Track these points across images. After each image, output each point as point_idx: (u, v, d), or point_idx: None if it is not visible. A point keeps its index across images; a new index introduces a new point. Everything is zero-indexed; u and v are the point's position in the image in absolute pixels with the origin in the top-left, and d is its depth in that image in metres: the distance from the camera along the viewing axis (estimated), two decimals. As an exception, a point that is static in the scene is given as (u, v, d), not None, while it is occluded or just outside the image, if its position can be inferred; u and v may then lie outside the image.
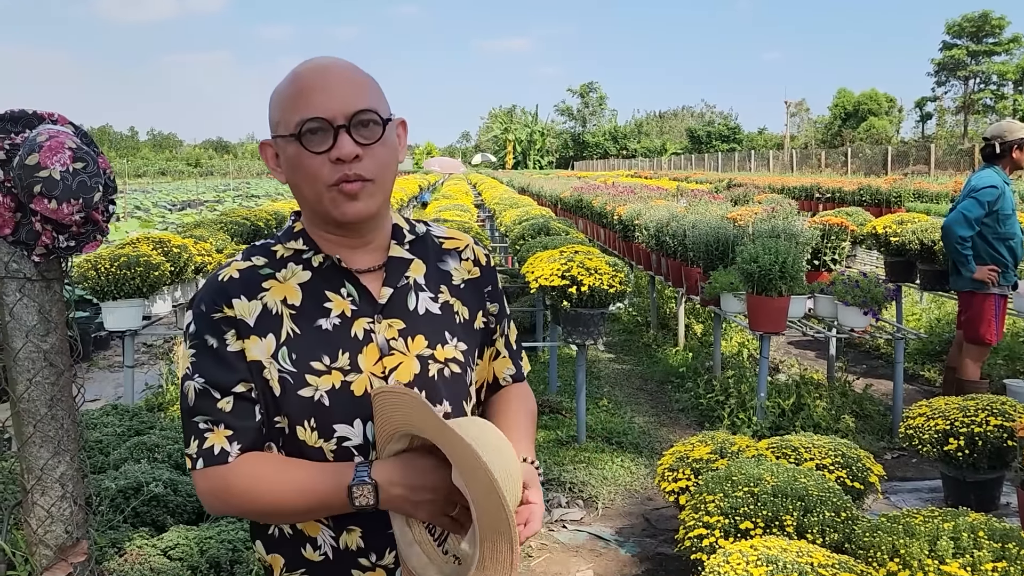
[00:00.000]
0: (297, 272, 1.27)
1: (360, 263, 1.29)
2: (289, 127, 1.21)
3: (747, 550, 2.39)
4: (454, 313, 1.35)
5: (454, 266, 1.39)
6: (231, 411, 1.22)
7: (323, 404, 1.22)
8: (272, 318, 1.24)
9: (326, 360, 1.23)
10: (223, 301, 1.23)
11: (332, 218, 1.24)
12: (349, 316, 1.26)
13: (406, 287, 1.31)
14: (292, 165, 1.23)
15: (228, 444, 1.21)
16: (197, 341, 1.23)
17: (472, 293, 1.39)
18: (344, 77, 1.22)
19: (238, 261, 1.29)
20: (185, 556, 2.68)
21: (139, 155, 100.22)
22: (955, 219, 4.88)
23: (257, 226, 8.13)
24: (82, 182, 2.01)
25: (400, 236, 1.35)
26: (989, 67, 51.24)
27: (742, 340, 7.29)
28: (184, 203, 30.37)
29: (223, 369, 1.22)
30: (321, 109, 1.19)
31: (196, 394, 1.22)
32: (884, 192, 13.67)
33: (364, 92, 1.23)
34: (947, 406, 3.99)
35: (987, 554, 2.28)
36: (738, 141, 65.19)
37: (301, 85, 1.21)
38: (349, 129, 1.20)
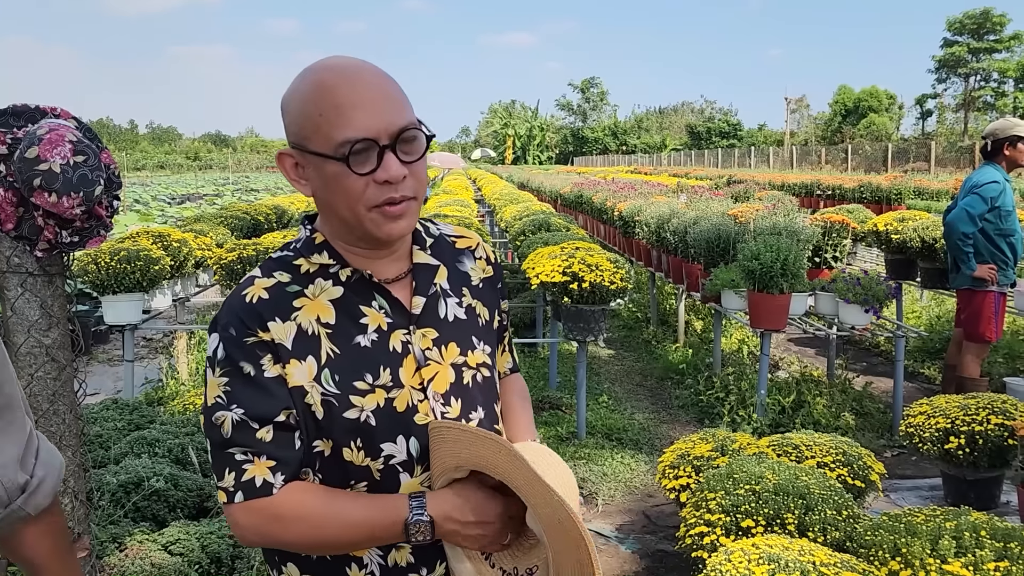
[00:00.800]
0: (327, 288, 1.21)
1: (387, 273, 1.25)
2: (327, 145, 1.12)
3: (749, 548, 2.38)
4: (477, 316, 1.32)
5: (471, 266, 1.36)
6: (272, 440, 1.15)
7: (369, 424, 1.17)
8: (309, 339, 1.17)
9: (369, 378, 1.18)
10: (256, 324, 1.15)
11: (372, 237, 1.18)
12: (385, 330, 1.22)
13: (436, 295, 1.28)
14: (329, 184, 1.15)
15: (271, 475, 1.15)
16: (229, 368, 1.15)
17: (489, 292, 1.37)
18: (380, 89, 1.15)
19: (260, 278, 1.21)
20: (186, 551, 2.68)
21: (138, 148, 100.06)
22: (958, 215, 4.88)
23: (257, 220, 8.12)
24: (83, 175, 2.00)
25: (421, 240, 1.30)
26: (990, 64, 51.18)
27: (742, 337, 7.29)
28: (183, 197, 30.35)
29: (262, 398, 1.14)
30: (364, 129, 1.11)
31: (233, 426, 1.14)
32: (884, 189, 13.65)
33: (403, 105, 1.17)
34: (947, 404, 3.99)
35: (989, 553, 2.28)
36: (738, 137, 65.14)
37: (335, 100, 1.12)
38: (395, 148, 1.13)
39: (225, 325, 1.17)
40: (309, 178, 1.19)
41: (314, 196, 1.20)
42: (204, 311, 8.63)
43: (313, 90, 1.14)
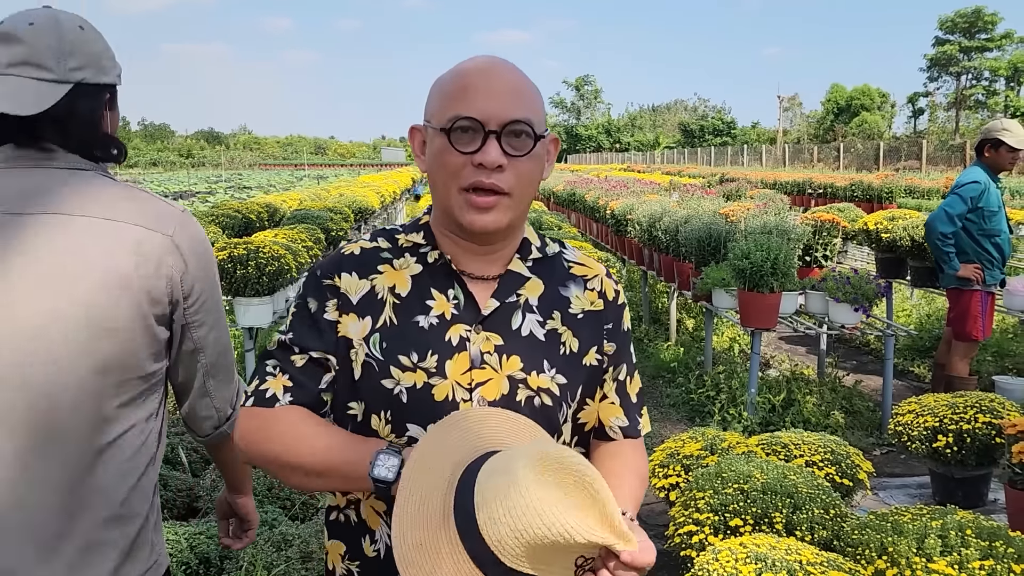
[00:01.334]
0: (411, 264, 1.26)
1: (475, 269, 1.25)
2: (443, 119, 1.18)
3: (736, 548, 2.40)
4: (560, 343, 1.27)
5: (576, 293, 1.31)
6: (300, 367, 1.22)
7: (400, 400, 1.19)
8: (375, 302, 1.23)
9: (414, 356, 1.20)
10: (334, 271, 1.25)
11: (458, 223, 1.21)
12: (448, 319, 1.22)
13: (514, 304, 1.25)
14: (436, 158, 1.20)
15: (282, 392, 1.21)
16: (300, 302, 1.26)
17: (589, 326, 1.30)
18: (507, 82, 1.19)
19: (365, 240, 1.30)
20: (174, 552, 2.67)
21: (131, 145, 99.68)
22: (937, 216, 4.92)
23: (249, 219, 8.10)
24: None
25: (526, 252, 1.30)
26: (981, 63, 51.45)
27: (733, 335, 7.31)
28: (176, 194, 30.25)
29: (312, 333, 1.23)
30: (476, 110, 1.15)
31: (278, 344, 1.25)
32: (876, 188, 13.71)
33: (523, 101, 1.19)
34: (936, 403, 4.02)
35: (974, 552, 2.30)
36: (732, 135, 65.29)
37: (464, 82, 1.18)
38: (500, 136, 1.16)
39: (316, 267, 1.29)
40: (426, 154, 1.24)
41: (427, 173, 1.25)
42: (195, 309, 8.62)
43: (452, 72, 1.22)
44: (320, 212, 8.11)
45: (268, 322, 4.94)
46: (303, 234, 6.44)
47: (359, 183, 16.48)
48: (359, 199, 10.88)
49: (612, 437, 1.34)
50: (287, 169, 75.46)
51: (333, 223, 7.96)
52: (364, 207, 10.88)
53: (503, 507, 0.97)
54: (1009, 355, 6.40)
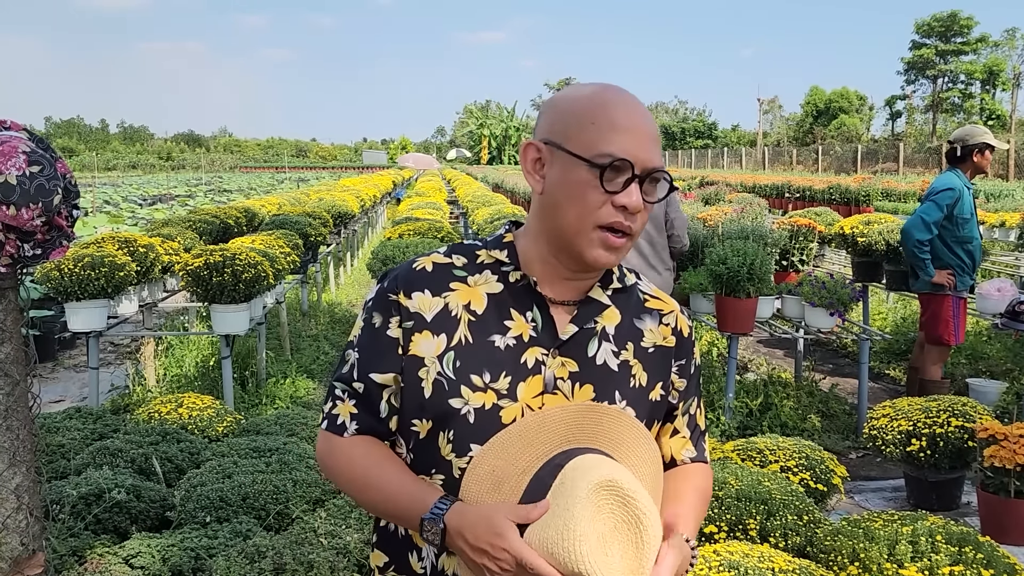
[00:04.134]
0: (491, 281, 1.24)
1: (556, 293, 1.24)
2: (589, 151, 1.15)
3: (710, 555, 2.41)
4: (631, 375, 1.26)
5: (650, 327, 1.31)
6: (362, 393, 1.24)
7: (467, 420, 1.17)
8: (450, 319, 1.21)
9: (487, 377, 1.18)
10: (403, 287, 1.23)
11: (580, 256, 1.18)
12: (526, 341, 1.21)
13: (591, 332, 1.25)
14: (571, 188, 1.16)
15: (349, 420, 1.24)
16: (367, 316, 1.26)
17: (659, 361, 1.30)
18: (650, 127, 1.19)
19: (439, 254, 1.28)
20: (147, 564, 2.64)
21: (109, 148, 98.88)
22: (913, 223, 4.96)
23: (227, 224, 8.05)
24: (40, 185, 1.97)
25: (607, 281, 1.28)
26: (957, 66, 52.08)
27: (712, 339, 7.34)
28: (155, 197, 29.98)
29: (374, 351, 1.23)
30: (629, 152, 1.15)
31: (348, 364, 1.26)
32: (853, 191, 13.85)
33: (659, 148, 1.21)
34: (910, 407, 4.05)
35: (944, 558, 2.32)
36: (713, 138, 65.65)
37: (615, 117, 1.16)
38: (642, 182, 1.17)
39: (385, 279, 1.27)
40: (547, 175, 1.20)
41: (543, 195, 1.21)
42: (172, 316, 8.54)
43: (592, 99, 1.18)
44: (299, 217, 8.07)
45: (244, 329, 4.91)
46: (281, 240, 6.41)
47: (339, 187, 16.41)
48: (338, 204, 10.84)
49: (681, 463, 1.37)
50: (268, 172, 75.04)
51: (312, 228, 7.93)
52: (344, 212, 10.83)
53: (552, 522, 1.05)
54: (983, 358, 6.48)
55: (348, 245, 12.41)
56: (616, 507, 1.07)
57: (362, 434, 1.24)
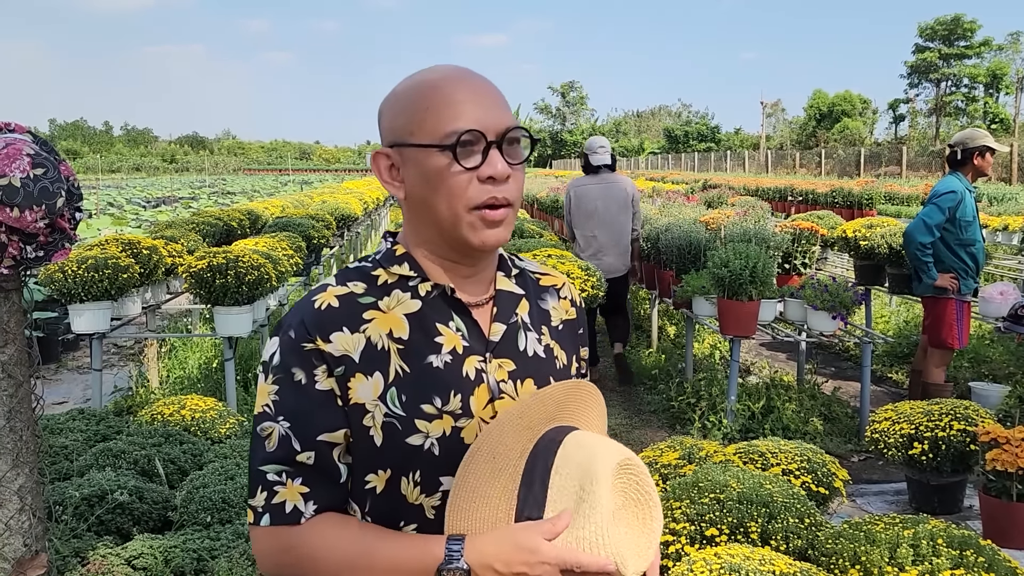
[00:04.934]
0: (405, 301, 1.14)
1: (470, 295, 1.17)
2: (433, 136, 1.08)
3: (711, 558, 2.41)
4: (555, 357, 1.24)
5: (553, 305, 1.28)
6: (313, 464, 1.08)
7: (432, 453, 1.09)
8: (378, 354, 1.09)
9: (438, 402, 1.10)
10: (318, 332, 1.08)
11: (466, 243, 1.11)
12: (460, 353, 1.13)
13: (516, 325, 1.20)
14: (431, 179, 1.09)
15: (303, 502, 1.08)
16: (282, 375, 1.09)
17: (569, 336, 1.28)
18: (488, 89, 1.12)
19: (333, 286, 1.14)
20: (149, 565, 2.65)
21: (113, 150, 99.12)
22: (916, 226, 4.96)
23: (230, 226, 8.06)
24: (43, 188, 1.99)
25: (506, 268, 1.23)
26: (960, 70, 52.00)
27: (714, 342, 7.34)
28: (158, 200, 30.06)
29: (311, 410, 1.08)
30: (474, 121, 1.07)
31: (277, 439, 1.08)
32: (856, 194, 13.83)
33: (508, 108, 1.13)
34: (912, 410, 4.05)
35: (945, 561, 2.32)
36: (716, 141, 65.65)
37: (444, 94, 1.09)
38: (500, 146, 1.09)
39: (287, 328, 1.11)
40: (405, 178, 1.13)
41: (407, 199, 1.14)
42: (176, 318, 8.55)
43: (419, 88, 1.12)
44: (302, 220, 8.09)
45: (247, 331, 4.92)
46: (284, 242, 6.42)
47: (343, 189, 16.44)
48: (342, 206, 10.86)
49: None
50: (271, 174, 75.20)
51: (315, 231, 7.94)
52: (347, 214, 10.85)
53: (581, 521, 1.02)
54: (985, 361, 6.47)
55: (351, 248, 12.42)
56: (630, 487, 1.07)
57: (322, 512, 1.09)
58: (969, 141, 4.97)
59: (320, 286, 1.15)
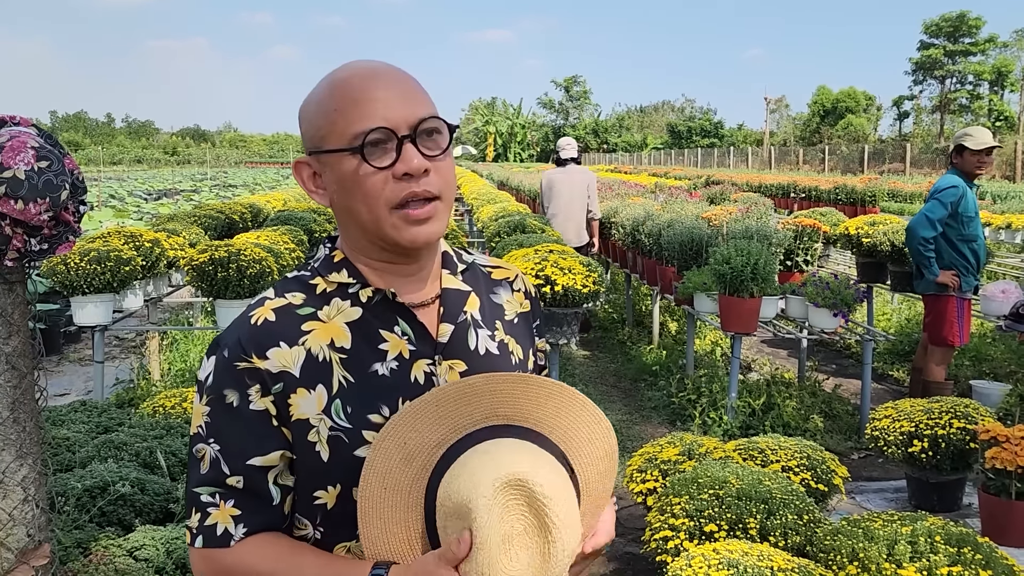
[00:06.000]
0: (345, 309, 1.10)
1: (413, 296, 1.14)
2: (343, 139, 1.05)
3: (709, 554, 2.42)
4: (510, 352, 1.20)
5: (506, 298, 1.25)
6: (243, 488, 1.06)
7: None
8: (320, 366, 1.06)
9: (386, 411, 1.07)
10: (253, 350, 1.05)
11: (395, 244, 1.08)
12: (407, 358, 1.10)
13: (465, 324, 1.16)
14: (346, 184, 1.06)
15: (232, 525, 1.06)
16: (213, 396, 1.06)
17: (523, 329, 1.25)
18: (397, 82, 1.07)
19: (271, 299, 1.11)
20: (151, 557, 2.67)
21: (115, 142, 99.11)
22: (918, 220, 4.97)
23: (232, 219, 8.08)
24: (48, 181, 1.99)
25: (452, 265, 1.20)
26: (965, 67, 51.88)
27: (715, 339, 7.35)
28: (160, 192, 30.07)
29: (242, 433, 1.05)
30: (381, 118, 1.03)
31: (207, 462, 1.06)
32: (859, 191, 13.82)
33: (422, 97, 1.08)
34: (912, 408, 4.06)
35: (943, 558, 2.33)
36: (719, 137, 65.55)
37: (351, 94, 1.05)
38: (414, 139, 1.05)
39: (222, 348, 1.07)
40: (327, 185, 1.10)
41: (332, 206, 1.12)
42: (177, 311, 8.57)
43: (329, 89, 1.08)
44: (304, 213, 8.10)
45: (250, 324, 4.93)
46: (286, 236, 6.43)
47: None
48: (344, 200, 10.86)
49: None
50: (273, 167, 75.18)
51: (316, 224, 7.95)
52: (349, 208, 10.85)
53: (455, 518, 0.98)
54: (986, 360, 6.47)
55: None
56: (520, 507, 0.98)
57: (252, 534, 1.06)
58: (953, 140, 5.02)
59: (259, 299, 1.12)
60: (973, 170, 4.93)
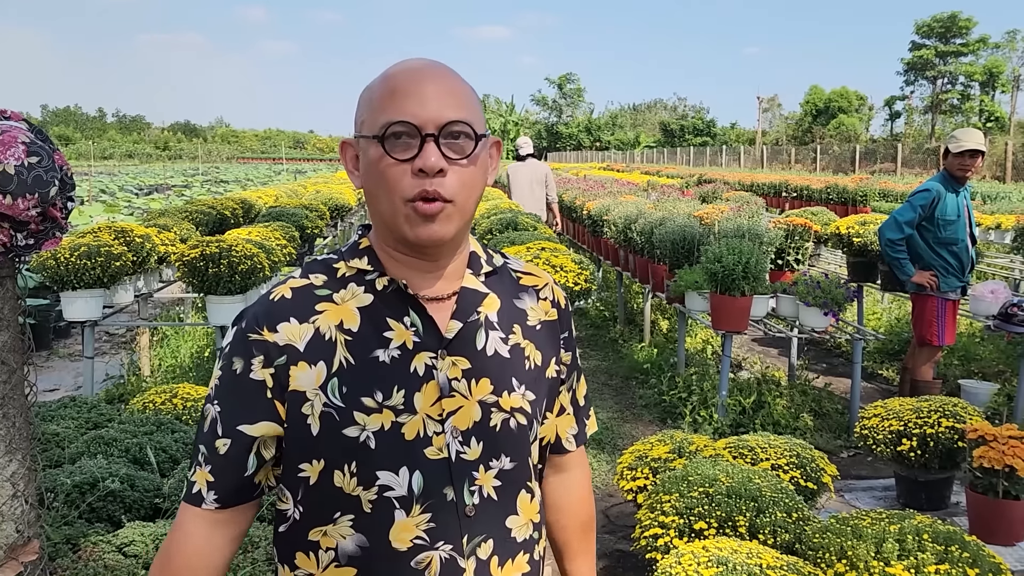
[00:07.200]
0: (358, 294, 1.14)
1: (429, 290, 1.16)
2: (375, 127, 1.09)
3: (699, 551, 2.43)
4: (525, 357, 1.21)
5: (531, 305, 1.25)
6: (224, 454, 1.11)
7: (368, 446, 1.09)
8: (324, 344, 1.11)
9: (379, 396, 1.10)
10: (265, 322, 1.11)
11: (404, 237, 1.11)
12: (410, 349, 1.12)
13: (476, 323, 1.17)
14: (371, 170, 1.11)
15: (206, 489, 1.11)
16: (225, 363, 1.13)
17: (547, 337, 1.26)
18: (441, 83, 1.10)
19: (295, 278, 1.17)
20: (140, 553, 2.66)
21: (106, 137, 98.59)
22: (886, 223, 5.04)
23: (223, 215, 8.05)
24: (37, 176, 1.98)
25: (477, 266, 1.21)
26: (957, 67, 52.09)
27: (707, 337, 7.37)
28: (151, 187, 29.93)
29: (239, 400, 1.11)
30: (410, 114, 1.07)
31: (210, 421, 1.13)
32: (850, 191, 13.86)
33: (460, 102, 1.10)
34: (901, 407, 4.08)
35: (930, 556, 2.35)
36: (712, 135, 65.66)
37: (394, 86, 1.10)
38: (438, 140, 1.08)
39: (242, 319, 1.14)
40: (360, 168, 1.15)
41: (363, 189, 1.16)
42: (168, 307, 8.54)
43: (379, 79, 1.13)
44: (296, 209, 8.07)
45: (241, 321, 4.92)
46: (277, 232, 6.41)
47: (337, 179, 16.40)
48: (336, 196, 10.85)
49: (567, 448, 1.34)
50: (265, 163, 74.93)
51: (308, 221, 7.93)
52: (341, 204, 10.84)
53: None
54: (975, 359, 6.51)
55: (344, 238, 12.40)
56: None
57: (221, 505, 1.11)
58: (942, 142, 5.05)
59: (285, 278, 1.18)
60: (957, 172, 4.95)
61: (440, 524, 1.11)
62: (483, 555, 1.14)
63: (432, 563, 1.11)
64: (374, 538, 1.10)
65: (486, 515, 1.15)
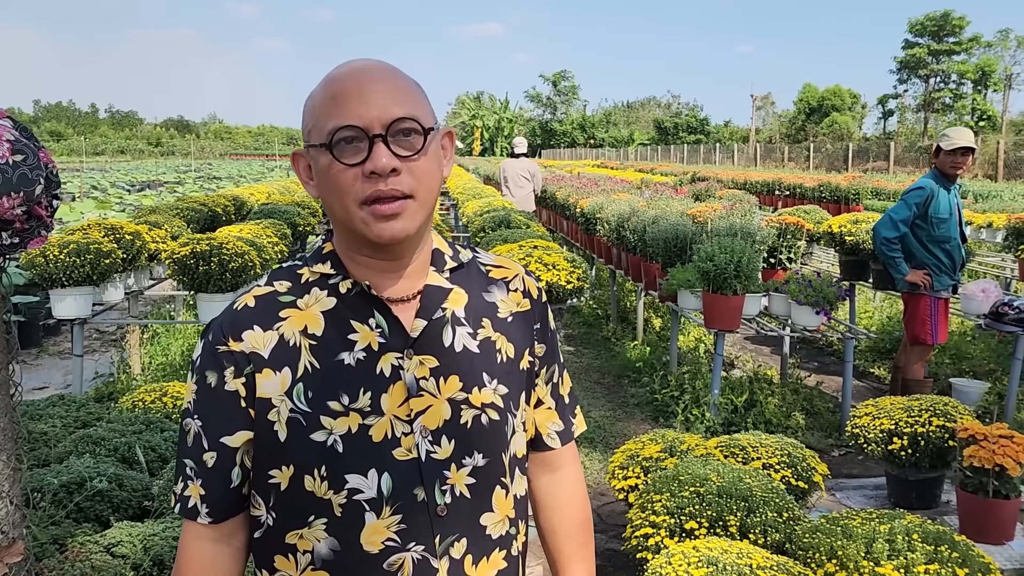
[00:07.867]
0: (322, 298, 1.14)
1: (392, 291, 1.15)
2: (322, 135, 1.08)
3: (689, 551, 2.42)
4: (496, 351, 1.20)
5: (501, 297, 1.24)
6: (212, 467, 1.12)
7: (336, 450, 1.09)
8: (289, 350, 1.11)
9: (345, 399, 1.10)
10: (231, 333, 1.12)
11: (365, 239, 1.11)
12: (376, 350, 1.12)
13: (442, 320, 1.17)
14: (324, 178, 1.10)
15: (200, 504, 1.13)
16: (198, 376, 1.13)
17: (519, 328, 1.24)
18: (382, 81, 1.09)
19: (260, 286, 1.17)
20: (128, 553, 2.64)
21: (98, 132, 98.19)
22: (881, 221, 5.04)
23: (215, 212, 8.01)
24: (23, 175, 1.96)
25: (440, 262, 1.21)
26: (949, 66, 52.26)
27: (699, 336, 7.37)
28: (143, 184, 29.79)
29: (219, 411, 1.12)
30: (355, 116, 1.06)
31: (193, 436, 1.13)
32: (843, 189, 13.89)
33: (403, 98, 1.10)
34: (892, 406, 4.09)
35: (920, 556, 2.35)
36: (705, 133, 65.74)
37: (335, 90, 1.09)
38: (386, 139, 1.07)
39: (209, 332, 1.15)
40: (314, 177, 1.14)
41: (320, 198, 1.15)
42: (159, 304, 8.50)
43: (321, 86, 1.12)
44: (288, 207, 8.05)
45: (231, 318, 4.90)
46: (269, 229, 6.39)
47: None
48: (329, 193, 10.81)
49: (550, 445, 1.32)
50: (258, 159, 74.71)
51: (300, 218, 7.91)
52: (334, 201, 10.79)
53: None
54: (966, 358, 6.53)
55: (338, 235, 12.35)
56: None
57: (214, 519, 1.13)
58: (934, 141, 5.06)
59: (250, 287, 1.18)
60: (948, 170, 4.95)
61: (411, 525, 1.11)
62: (456, 554, 1.13)
63: (404, 564, 1.10)
64: (346, 541, 1.10)
65: (459, 514, 1.14)
